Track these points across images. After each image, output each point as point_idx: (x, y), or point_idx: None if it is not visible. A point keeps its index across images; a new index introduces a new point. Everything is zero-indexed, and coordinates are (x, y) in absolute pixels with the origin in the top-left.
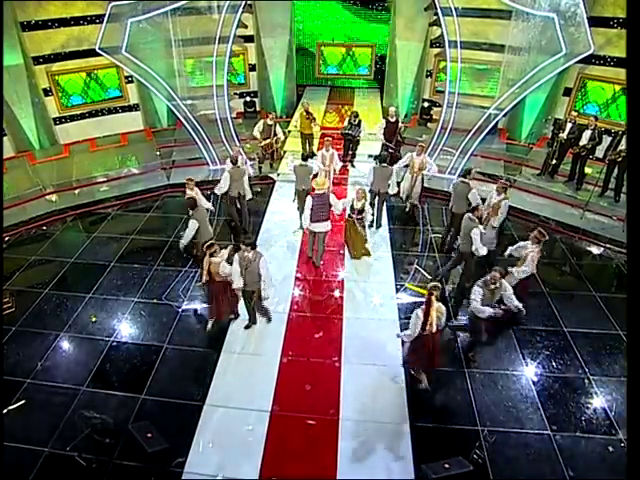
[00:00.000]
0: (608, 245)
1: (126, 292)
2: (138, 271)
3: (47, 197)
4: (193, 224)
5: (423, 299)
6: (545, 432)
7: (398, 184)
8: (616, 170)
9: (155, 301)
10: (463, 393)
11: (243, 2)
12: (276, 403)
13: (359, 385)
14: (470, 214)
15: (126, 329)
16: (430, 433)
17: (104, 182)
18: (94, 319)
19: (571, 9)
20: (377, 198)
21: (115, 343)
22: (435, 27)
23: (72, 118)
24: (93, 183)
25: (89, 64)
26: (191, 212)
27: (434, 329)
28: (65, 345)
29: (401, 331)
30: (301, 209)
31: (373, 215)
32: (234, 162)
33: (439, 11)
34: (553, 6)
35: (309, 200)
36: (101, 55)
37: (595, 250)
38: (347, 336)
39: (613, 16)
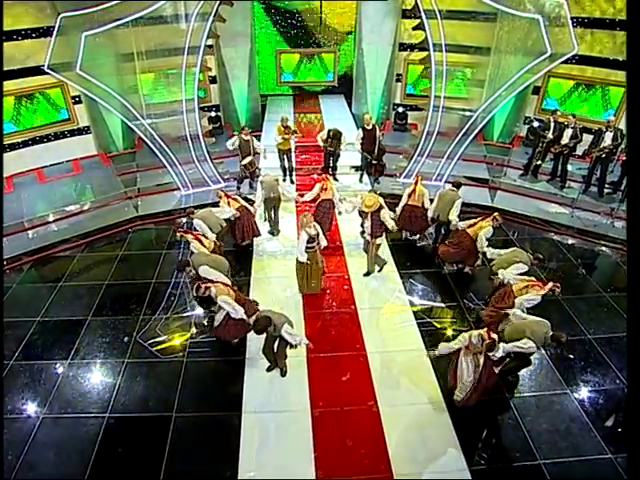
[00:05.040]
0: (602, 242)
1: (113, 351)
2: (122, 323)
3: None
4: None
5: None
6: (606, 456)
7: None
8: (599, 166)
9: (151, 358)
10: (513, 424)
11: (215, 10)
12: (320, 468)
13: (404, 431)
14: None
15: (122, 400)
16: (491, 476)
17: (62, 219)
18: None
19: (555, 10)
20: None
21: (112, 420)
22: (404, 30)
23: (12, 147)
24: (49, 222)
25: (27, 84)
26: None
27: None
28: (48, 431)
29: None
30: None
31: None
32: None
33: (422, 14)
34: (538, 8)
35: (367, 222)
36: (48, 74)
37: (591, 248)
38: (376, 374)
39: (577, 16)
